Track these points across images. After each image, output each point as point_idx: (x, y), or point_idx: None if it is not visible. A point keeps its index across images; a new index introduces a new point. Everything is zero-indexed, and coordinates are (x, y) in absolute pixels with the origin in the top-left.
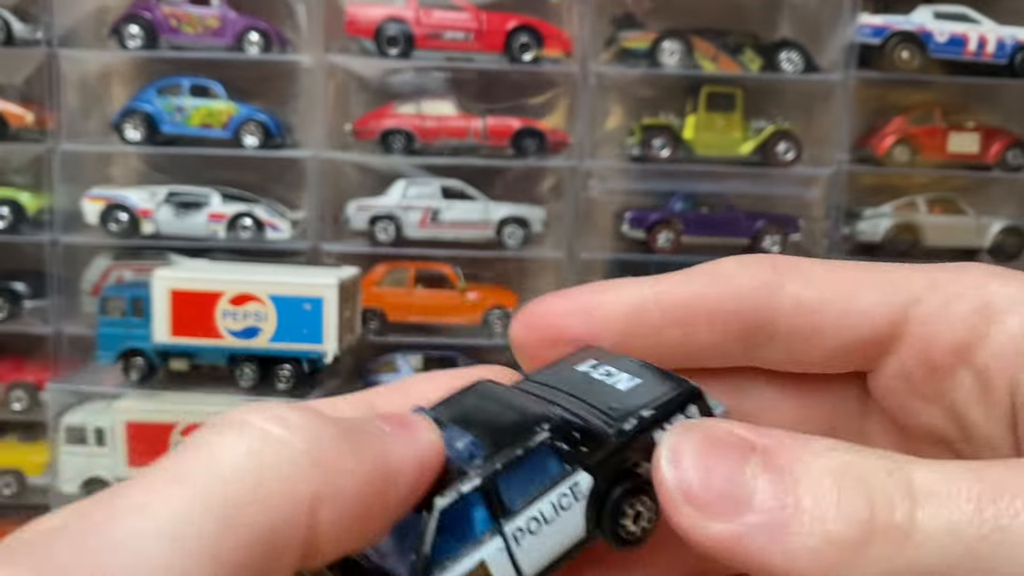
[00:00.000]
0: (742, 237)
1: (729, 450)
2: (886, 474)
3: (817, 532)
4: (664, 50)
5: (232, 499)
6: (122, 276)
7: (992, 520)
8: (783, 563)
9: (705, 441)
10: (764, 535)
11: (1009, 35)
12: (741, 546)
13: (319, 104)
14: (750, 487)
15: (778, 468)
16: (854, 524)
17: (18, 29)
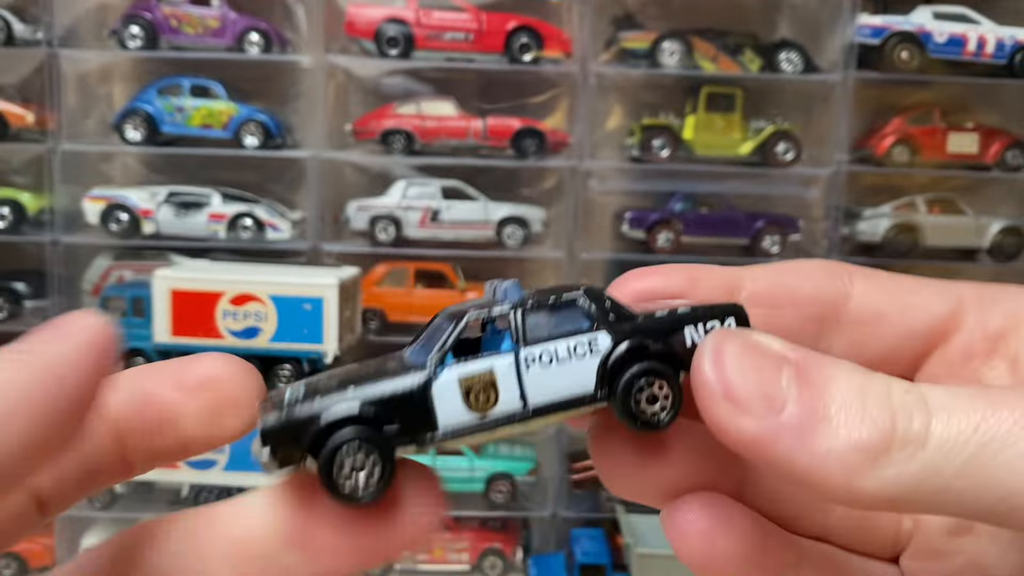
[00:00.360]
0: (742, 237)
1: (767, 358)
2: (903, 391)
3: (842, 437)
4: (664, 50)
5: None
6: (123, 276)
7: (993, 429)
8: (808, 463)
9: (746, 346)
10: (793, 437)
11: (1008, 35)
12: (770, 444)
13: (319, 104)
14: (784, 393)
15: (809, 379)
16: (876, 432)
17: (18, 29)
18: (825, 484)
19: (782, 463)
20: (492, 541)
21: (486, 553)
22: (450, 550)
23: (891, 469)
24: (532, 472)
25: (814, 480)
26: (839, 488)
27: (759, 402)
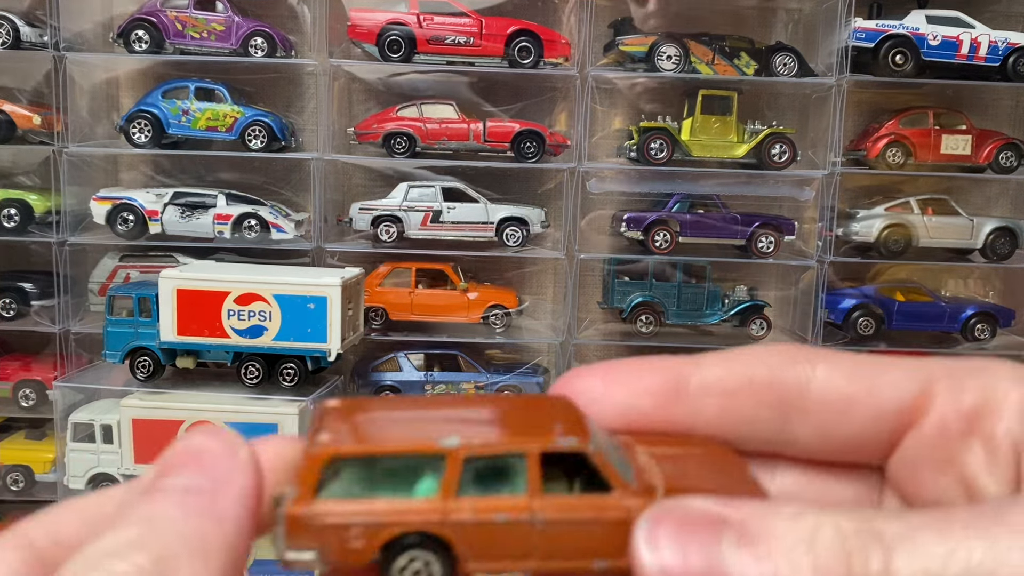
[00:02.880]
0: (737, 238)
1: (704, 527)
2: (855, 530)
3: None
4: (661, 54)
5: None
6: (129, 276)
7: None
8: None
9: (680, 521)
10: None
11: (1001, 38)
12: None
13: (323, 107)
14: (728, 562)
15: (752, 539)
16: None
17: (26, 33)
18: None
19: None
20: None
21: None
22: None
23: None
24: None
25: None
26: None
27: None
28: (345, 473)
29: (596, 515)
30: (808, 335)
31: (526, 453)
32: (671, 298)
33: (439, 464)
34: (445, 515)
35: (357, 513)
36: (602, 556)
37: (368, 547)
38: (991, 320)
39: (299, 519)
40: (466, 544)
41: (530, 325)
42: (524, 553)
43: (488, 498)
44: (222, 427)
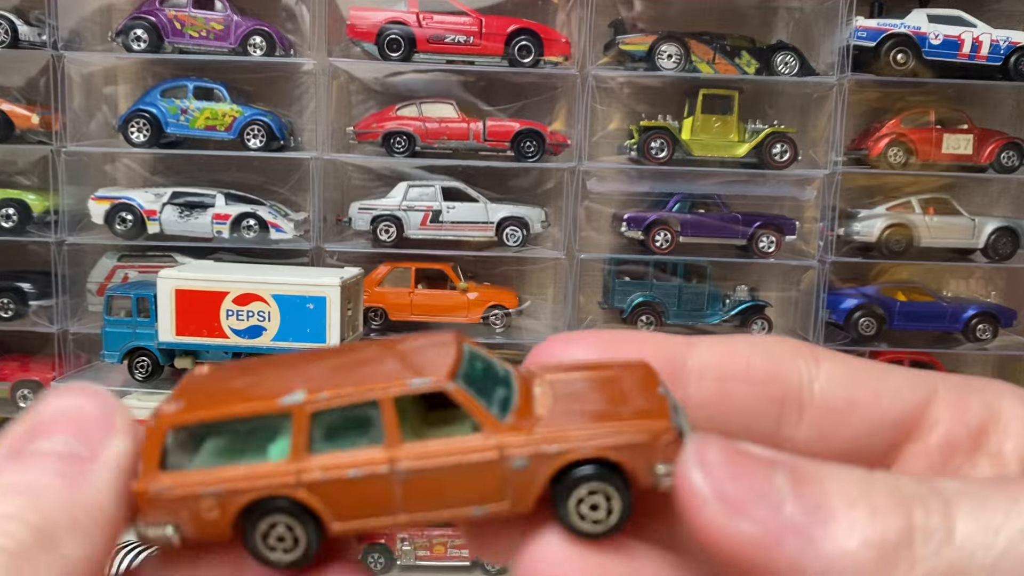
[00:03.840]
0: (738, 238)
1: (755, 459)
2: (914, 482)
3: (856, 535)
4: (662, 53)
5: None
6: (127, 276)
7: None
8: (818, 566)
9: (730, 449)
10: (798, 538)
11: (1003, 37)
12: (774, 547)
13: (322, 106)
14: (781, 493)
15: (807, 479)
16: (892, 528)
17: (24, 31)
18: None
19: (786, 568)
20: None
21: None
22: (451, 547)
23: (917, 569)
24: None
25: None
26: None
27: (755, 503)
28: (193, 444)
29: (463, 458)
30: (809, 335)
31: (378, 400)
32: (671, 298)
33: (289, 424)
34: (298, 476)
35: (205, 483)
36: (479, 501)
37: (224, 517)
38: (992, 320)
39: (146, 495)
40: (326, 504)
41: (530, 325)
42: (390, 507)
43: (342, 453)
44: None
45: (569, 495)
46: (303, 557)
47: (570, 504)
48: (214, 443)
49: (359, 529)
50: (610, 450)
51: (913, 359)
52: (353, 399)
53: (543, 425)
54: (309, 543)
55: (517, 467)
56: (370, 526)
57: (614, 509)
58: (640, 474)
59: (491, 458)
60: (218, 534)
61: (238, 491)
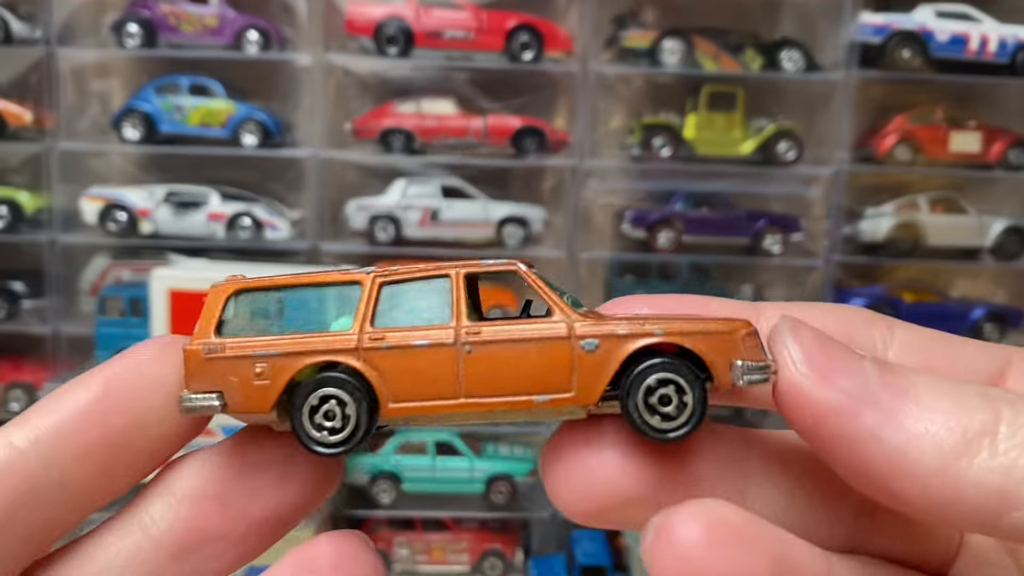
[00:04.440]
0: (743, 237)
1: (845, 347)
2: (1003, 392)
3: (939, 418)
4: (665, 49)
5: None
6: (121, 276)
7: None
8: (897, 442)
9: (819, 333)
10: (881, 413)
11: (1011, 34)
12: (853, 417)
13: (318, 103)
14: (868, 373)
15: (894, 370)
16: (977, 417)
17: (16, 28)
18: (916, 469)
19: (866, 441)
20: (492, 542)
21: (486, 554)
22: (450, 551)
23: (998, 458)
24: (532, 473)
25: (903, 464)
26: (933, 475)
27: (843, 374)
28: (254, 312)
29: (531, 334)
30: None
31: (449, 274)
32: None
33: (357, 297)
34: (359, 343)
35: (262, 345)
36: (543, 388)
37: (274, 384)
38: (1000, 321)
39: (197, 355)
40: (385, 378)
41: None
42: (451, 389)
43: (409, 327)
44: None
45: (639, 385)
46: (348, 439)
47: (639, 395)
48: (275, 315)
49: (415, 411)
50: (686, 336)
51: None
52: (424, 273)
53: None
54: (358, 424)
55: (587, 348)
56: (427, 408)
57: (687, 405)
58: (718, 368)
59: (560, 334)
60: (263, 405)
61: (295, 354)
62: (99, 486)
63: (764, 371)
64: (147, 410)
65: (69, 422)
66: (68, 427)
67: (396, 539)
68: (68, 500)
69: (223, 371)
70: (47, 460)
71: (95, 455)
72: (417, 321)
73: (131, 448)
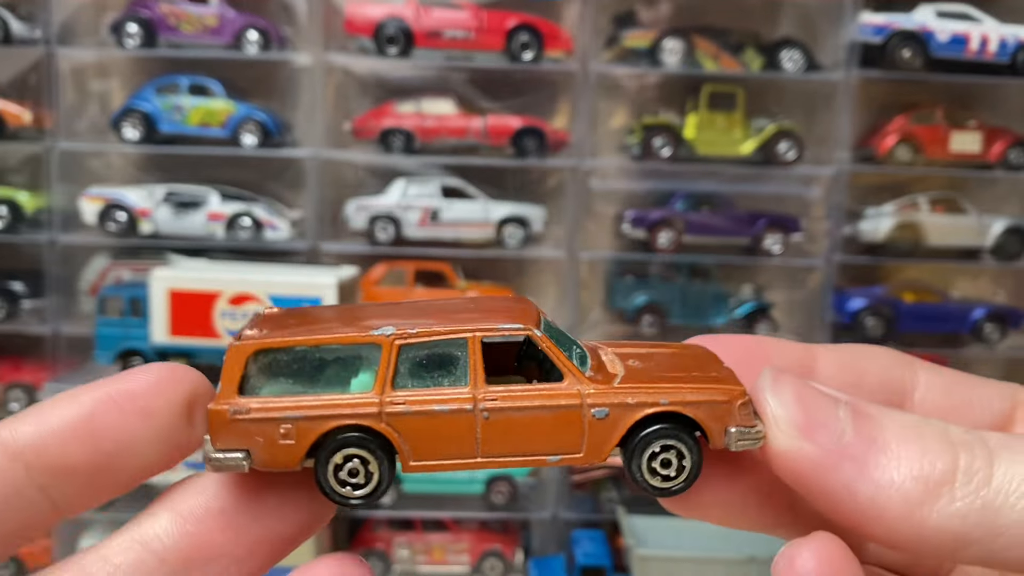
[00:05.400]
0: (743, 237)
1: (821, 395)
2: (962, 431)
3: (904, 469)
4: (665, 49)
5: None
6: (120, 276)
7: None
8: (868, 493)
9: (800, 384)
10: (853, 466)
11: (1011, 34)
12: (830, 471)
13: (318, 103)
14: (842, 424)
15: (864, 414)
16: (939, 466)
17: (16, 28)
18: (884, 517)
19: (840, 493)
20: (492, 543)
21: (486, 555)
22: (450, 552)
23: (955, 505)
24: (532, 473)
25: (873, 512)
26: (898, 521)
27: (819, 429)
28: (274, 371)
29: (545, 401)
30: (816, 336)
31: (466, 339)
32: (675, 299)
33: (375, 358)
34: (381, 407)
35: (286, 408)
36: (555, 449)
37: (299, 445)
38: (1000, 321)
39: (223, 415)
40: (406, 439)
41: None
42: (469, 449)
43: (428, 390)
44: None
45: (645, 449)
46: (372, 494)
47: (643, 458)
48: (295, 373)
49: (435, 468)
50: (689, 406)
51: None
52: (443, 336)
53: (622, 381)
54: (381, 479)
55: (597, 416)
56: (447, 467)
57: (685, 467)
58: (714, 433)
59: (573, 403)
60: (289, 463)
61: (319, 417)
62: (79, 497)
63: (754, 437)
64: (134, 438)
65: (54, 436)
66: (53, 441)
67: (396, 539)
68: (47, 506)
69: (249, 432)
70: (30, 467)
71: (77, 471)
72: (436, 380)
73: (113, 469)
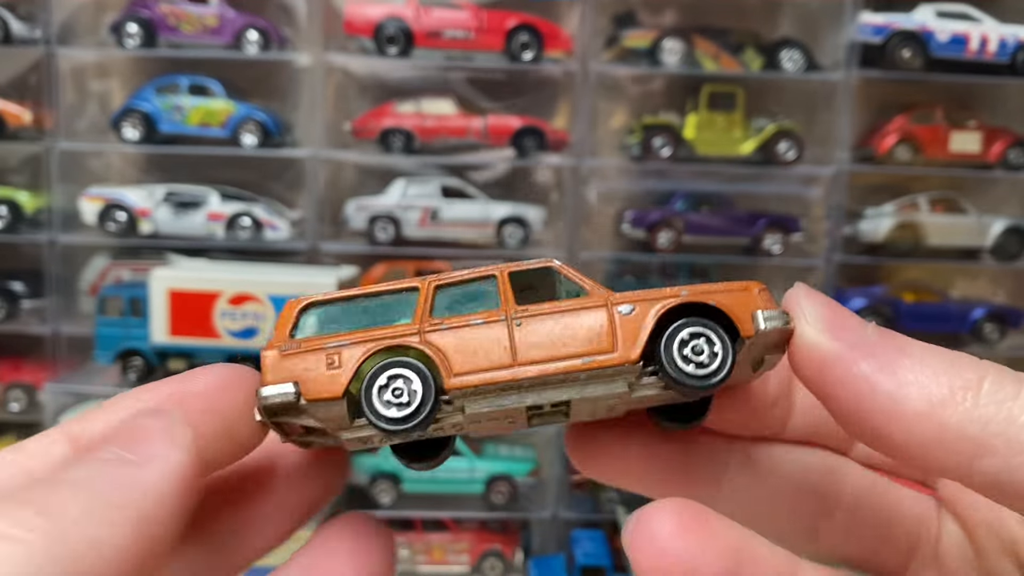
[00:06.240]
0: (743, 237)
1: (849, 312)
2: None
3: (930, 372)
4: (665, 49)
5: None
6: (120, 276)
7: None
8: (890, 387)
9: (830, 299)
10: (877, 362)
11: (1011, 34)
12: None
13: (318, 103)
14: (868, 330)
15: (893, 334)
16: (965, 375)
17: (16, 28)
18: (904, 414)
19: (861, 385)
20: (492, 542)
21: (486, 555)
22: (450, 551)
23: (979, 410)
24: (532, 473)
25: (892, 408)
26: (918, 418)
27: (846, 328)
28: (323, 320)
29: (574, 306)
30: None
31: (495, 275)
32: None
33: (415, 301)
34: (421, 332)
35: (332, 339)
36: (588, 352)
37: (345, 372)
38: (1000, 321)
39: (274, 356)
40: (444, 355)
41: None
42: (505, 358)
43: (464, 316)
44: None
45: (673, 338)
46: (415, 413)
47: (674, 346)
48: (343, 320)
49: (474, 383)
50: (711, 294)
51: None
52: (473, 275)
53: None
54: (424, 400)
55: (624, 312)
56: (486, 380)
57: (717, 354)
58: (741, 319)
59: (599, 303)
60: (335, 390)
61: (361, 342)
62: None
63: (781, 317)
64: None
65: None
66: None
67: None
68: None
69: (298, 364)
70: None
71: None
72: (470, 311)
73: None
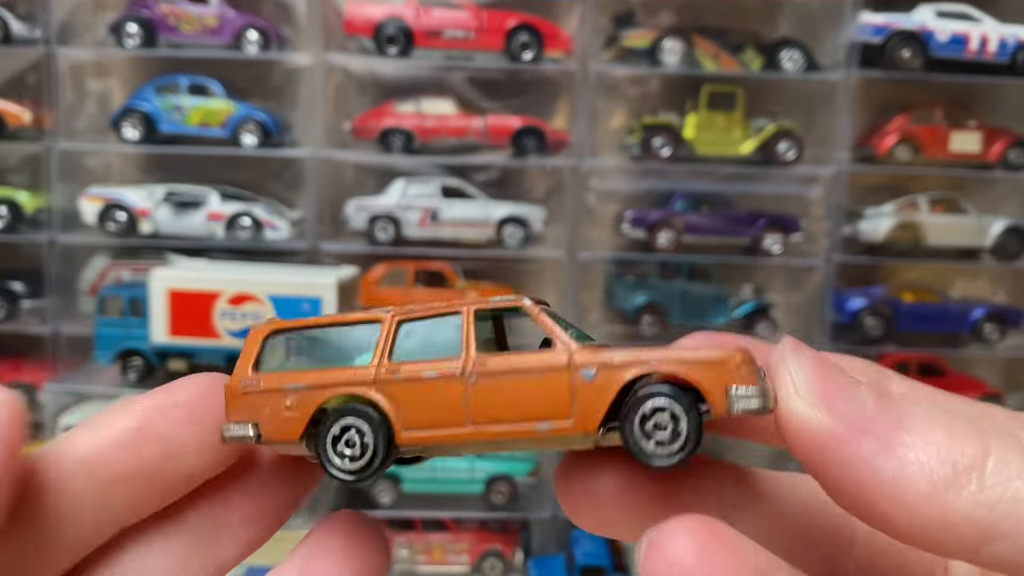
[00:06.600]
0: (743, 237)
1: (842, 371)
2: (991, 422)
3: (931, 450)
4: (665, 49)
5: None
6: (120, 276)
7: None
8: (891, 469)
9: (822, 356)
10: (877, 441)
11: (1011, 34)
12: (850, 444)
13: (318, 103)
14: (863, 399)
15: (888, 396)
16: (968, 451)
17: (16, 27)
18: (906, 497)
19: (860, 467)
20: (492, 543)
21: (486, 555)
22: (450, 552)
23: (985, 492)
24: (532, 473)
25: (895, 491)
26: (921, 503)
27: (840, 399)
28: (288, 351)
29: (533, 364)
30: (816, 337)
31: (460, 312)
32: (675, 299)
33: (375, 339)
34: (376, 377)
35: (291, 379)
36: (544, 417)
37: (302, 416)
38: (1000, 321)
39: (236, 389)
40: (398, 408)
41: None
42: (459, 417)
43: (423, 361)
44: None
45: (635, 412)
46: (366, 466)
47: (635, 421)
48: (307, 352)
49: (427, 439)
50: (681, 365)
51: (920, 360)
52: (437, 311)
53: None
54: (375, 451)
55: (585, 377)
56: (438, 437)
57: (681, 432)
58: (713, 395)
59: (560, 363)
60: (293, 434)
61: (318, 387)
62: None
63: (760, 397)
64: (181, 444)
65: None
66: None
67: (396, 539)
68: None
69: (258, 404)
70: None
71: (130, 478)
72: (432, 355)
73: (163, 477)
